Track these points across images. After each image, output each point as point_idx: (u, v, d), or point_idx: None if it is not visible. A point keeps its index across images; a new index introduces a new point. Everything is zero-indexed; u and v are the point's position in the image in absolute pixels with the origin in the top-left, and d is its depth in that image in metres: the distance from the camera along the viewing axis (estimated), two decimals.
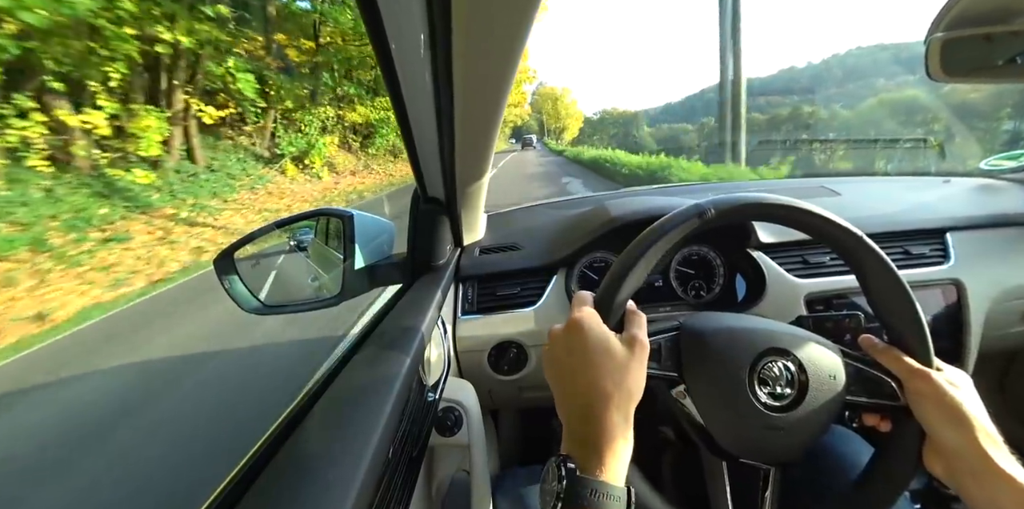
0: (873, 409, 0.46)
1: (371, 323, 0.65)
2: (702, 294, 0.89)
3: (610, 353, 0.40)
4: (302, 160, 11.52)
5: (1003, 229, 0.91)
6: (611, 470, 0.35)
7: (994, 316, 0.85)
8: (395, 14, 0.33)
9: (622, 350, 0.40)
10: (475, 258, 0.93)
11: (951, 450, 0.40)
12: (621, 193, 1.54)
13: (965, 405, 0.41)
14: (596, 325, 0.42)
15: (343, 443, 0.37)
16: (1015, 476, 0.37)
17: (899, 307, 0.45)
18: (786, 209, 0.45)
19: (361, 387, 0.46)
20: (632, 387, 0.39)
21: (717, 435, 0.44)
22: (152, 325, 3.85)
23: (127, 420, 2.25)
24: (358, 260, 0.74)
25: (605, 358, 0.39)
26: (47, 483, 1.84)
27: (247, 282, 0.76)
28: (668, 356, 0.45)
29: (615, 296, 0.44)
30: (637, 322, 0.44)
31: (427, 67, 0.37)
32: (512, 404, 0.91)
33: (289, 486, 0.33)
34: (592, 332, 0.41)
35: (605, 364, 0.39)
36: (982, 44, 0.64)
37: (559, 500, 0.34)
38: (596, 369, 0.39)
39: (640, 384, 0.40)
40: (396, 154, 16.79)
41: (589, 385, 0.38)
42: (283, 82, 11.22)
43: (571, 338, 0.41)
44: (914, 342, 0.45)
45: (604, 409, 0.37)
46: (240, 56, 9.88)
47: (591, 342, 0.40)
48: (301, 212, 0.83)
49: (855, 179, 1.32)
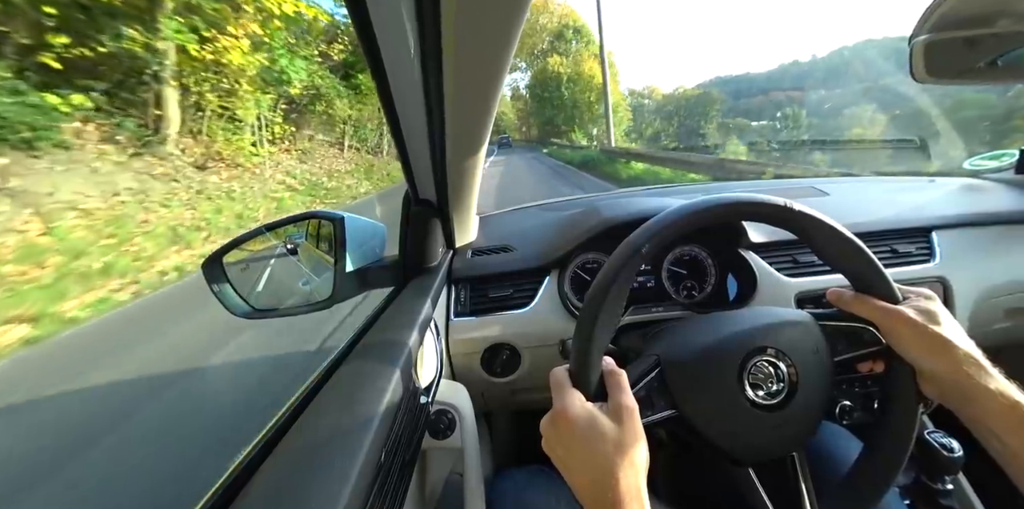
0: (861, 359, 0.48)
1: (363, 326, 0.65)
2: (694, 294, 0.89)
3: (602, 435, 0.39)
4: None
5: (987, 227, 0.93)
6: None
7: (979, 313, 0.87)
8: (384, 14, 0.33)
9: (613, 427, 0.39)
10: (467, 260, 0.92)
11: (938, 377, 0.42)
12: (613, 194, 1.55)
13: (941, 333, 0.42)
14: (579, 410, 0.40)
15: (335, 447, 0.37)
16: (1000, 392, 0.39)
17: (849, 254, 0.47)
18: (720, 207, 0.45)
19: (353, 390, 0.46)
20: (635, 458, 0.38)
21: (728, 448, 0.44)
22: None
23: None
24: (349, 263, 0.74)
25: (599, 443, 0.39)
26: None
27: (237, 286, 0.76)
28: (659, 398, 0.45)
29: (587, 367, 0.43)
30: (617, 384, 0.43)
31: (417, 68, 0.37)
32: (505, 406, 0.91)
33: (281, 490, 0.32)
34: (578, 421, 0.40)
35: (601, 449, 0.38)
36: (965, 46, 0.65)
37: None
38: (594, 457, 0.38)
39: (642, 451, 0.39)
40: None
41: (592, 473, 0.38)
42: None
43: (560, 432, 0.41)
44: (875, 282, 0.47)
45: (615, 490, 0.37)
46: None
47: (579, 431, 0.40)
48: (291, 215, 0.82)
49: (843, 179, 1.34)
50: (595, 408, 0.41)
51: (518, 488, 0.65)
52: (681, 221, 0.45)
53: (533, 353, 0.84)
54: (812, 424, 0.45)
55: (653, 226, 0.45)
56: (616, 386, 0.42)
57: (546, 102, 41.22)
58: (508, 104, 59.73)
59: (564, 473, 0.41)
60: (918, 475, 0.66)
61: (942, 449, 0.62)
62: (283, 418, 0.43)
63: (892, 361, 0.47)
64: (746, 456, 0.45)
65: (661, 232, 0.44)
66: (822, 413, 0.45)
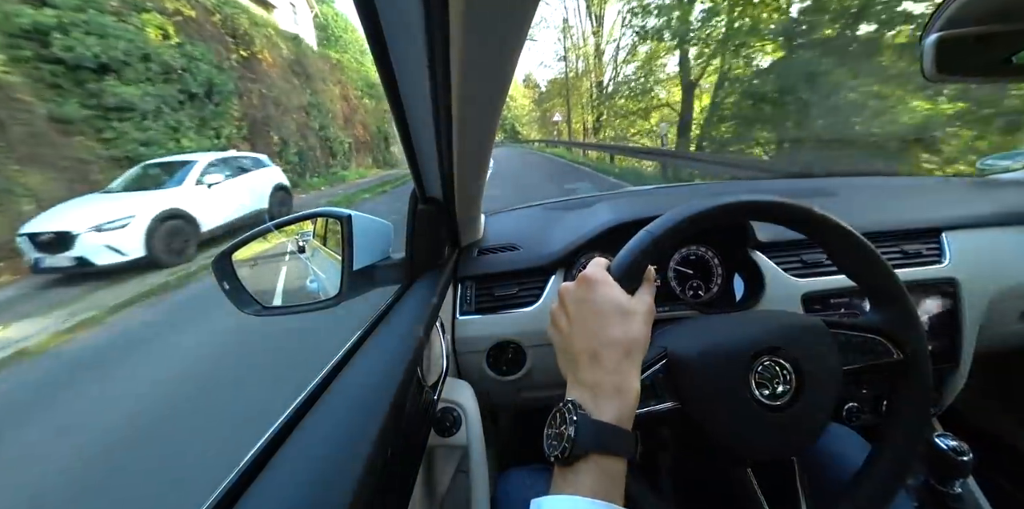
0: (871, 371, 0.48)
1: (370, 324, 0.65)
2: (700, 294, 0.89)
3: (619, 303, 0.40)
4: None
5: (999, 228, 0.91)
6: (620, 414, 0.36)
7: (992, 315, 0.85)
8: (392, 13, 0.33)
9: (631, 302, 0.40)
10: (473, 258, 0.93)
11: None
12: (620, 193, 1.54)
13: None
14: (606, 279, 0.42)
15: (341, 444, 0.37)
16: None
17: (865, 264, 0.48)
18: (738, 208, 0.46)
19: (360, 388, 0.46)
20: (640, 336, 0.39)
21: (729, 445, 0.44)
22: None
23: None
24: (356, 261, 0.74)
25: (614, 308, 0.40)
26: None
27: (245, 284, 0.76)
28: (664, 388, 0.45)
29: (633, 267, 0.44)
30: (648, 290, 0.44)
31: (425, 66, 0.37)
32: (510, 405, 0.91)
33: (287, 487, 0.33)
34: (602, 285, 0.41)
35: (614, 314, 0.39)
36: (977, 44, 0.64)
37: (570, 443, 0.34)
38: (605, 318, 0.39)
39: (647, 335, 0.40)
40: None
41: (597, 332, 0.39)
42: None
43: (580, 290, 0.42)
44: (890, 292, 0.48)
45: (613, 354, 0.37)
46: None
47: (600, 293, 0.40)
48: (299, 213, 0.82)
49: (852, 179, 1.32)
50: (623, 290, 0.41)
51: (523, 486, 0.66)
52: (704, 215, 0.46)
53: (538, 352, 0.84)
54: (816, 428, 0.45)
55: (679, 213, 0.45)
56: (647, 289, 0.43)
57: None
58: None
59: (561, 332, 0.41)
60: (927, 478, 0.66)
61: (952, 452, 0.61)
62: (292, 414, 0.44)
63: (904, 378, 0.46)
64: (747, 454, 0.44)
65: (685, 222, 0.45)
66: (827, 418, 0.45)
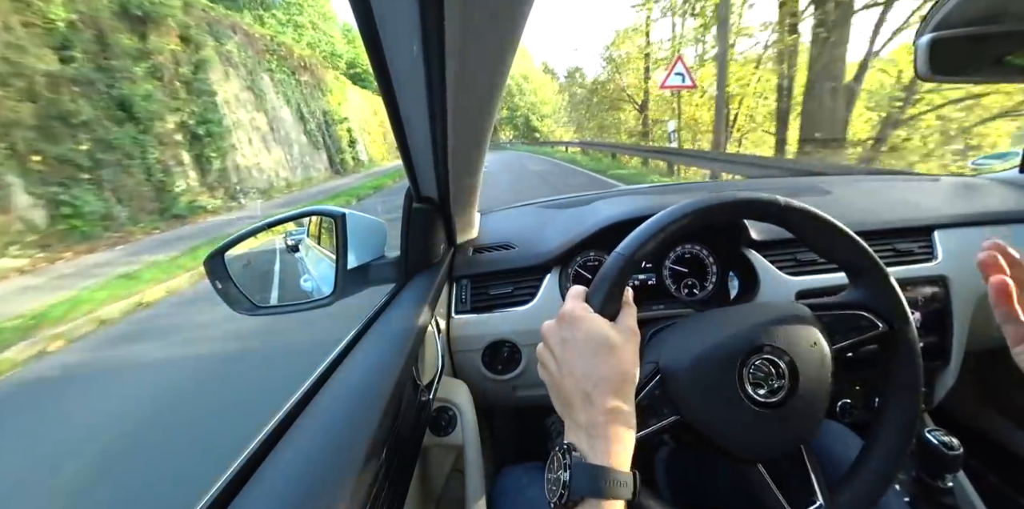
0: (860, 345, 0.49)
1: (365, 323, 0.65)
2: (695, 292, 0.89)
3: (603, 339, 0.39)
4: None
5: (990, 227, 0.92)
6: (616, 456, 0.35)
7: (982, 314, 0.86)
8: (387, 10, 0.33)
9: (616, 336, 0.40)
10: (469, 257, 0.92)
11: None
12: (614, 192, 1.55)
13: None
14: (585, 314, 0.41)
15: (336, 443, 0.37)
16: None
17: (838, 243, 0.49)
18: (713, 208, 0.47)
19: (355, 387, 0.46)
20: (629, 368, 0.39)
21: (734, 449, 0.44)
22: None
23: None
24: (351, 260, 0.74)
25: (599, 344, 0.39)
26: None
27: (238, 283, 0.76)
28: (663, 403, 0.45)
29: (609, 293, 0.43)
30: (629, 313, 0.44)
31: (420, 64, 0.37)
32: (506, 404, 0.91)
33: (282, 487, 0.33)
34: (582, 321, 0.40)
35: (600, 350, 0.39)
36: (970, 44, 0.65)
37: (566, 489, 0.34)
38: (591, 356, 0.39)
39: (635, 362, 0.40)
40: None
41: (586, 372, 0.38)
42: None
43: (563, 329, 0.41)
44: (866, 268, 0.50)
45: (604, 395, 0.37)
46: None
47: (583, 331, 0.40)
48: (293, 212, 0.82)
49: (846, 178, 1.33)
50: (604, 321, 0.41)
51: (519, 485, 0.66)
52: (673, 224, 0.46)
53: (533, 351, 0.83)
54: (816, 417, 0.45)
55: (648, 228, 0.46)
56: (628, 313, 0.43)
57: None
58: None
59: (551, 374, 0.41)
60: (918, 473, 0.67)
61: (942, 447, 0.62)
62: (286, 414, 0.43)
63: (893, 349, 0.47)
64: (753, 455, 0.45)
65: (656, 234, 0.45)
66: (826, 405, 0.46)
